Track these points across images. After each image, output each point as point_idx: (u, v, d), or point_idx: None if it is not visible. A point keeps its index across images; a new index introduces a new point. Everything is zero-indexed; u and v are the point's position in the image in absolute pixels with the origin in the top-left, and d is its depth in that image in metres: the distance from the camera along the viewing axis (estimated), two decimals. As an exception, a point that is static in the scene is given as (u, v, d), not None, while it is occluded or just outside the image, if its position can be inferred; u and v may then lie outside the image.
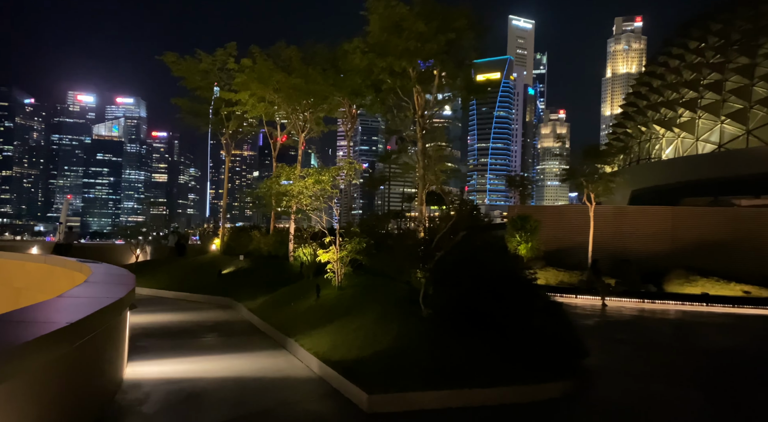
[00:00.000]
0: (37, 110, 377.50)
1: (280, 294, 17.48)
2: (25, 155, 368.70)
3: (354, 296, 14.10)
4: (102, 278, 10.58)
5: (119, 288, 8.88)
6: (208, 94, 26.35)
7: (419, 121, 14.99)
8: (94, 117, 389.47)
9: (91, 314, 6.22)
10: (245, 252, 23.96)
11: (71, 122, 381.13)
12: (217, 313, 17.27)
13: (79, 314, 6.11)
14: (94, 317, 6.35)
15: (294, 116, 22.92)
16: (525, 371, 9.57)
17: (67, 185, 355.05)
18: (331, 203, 15.00)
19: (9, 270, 19.47)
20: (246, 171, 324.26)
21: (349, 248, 14.78)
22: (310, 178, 14.17)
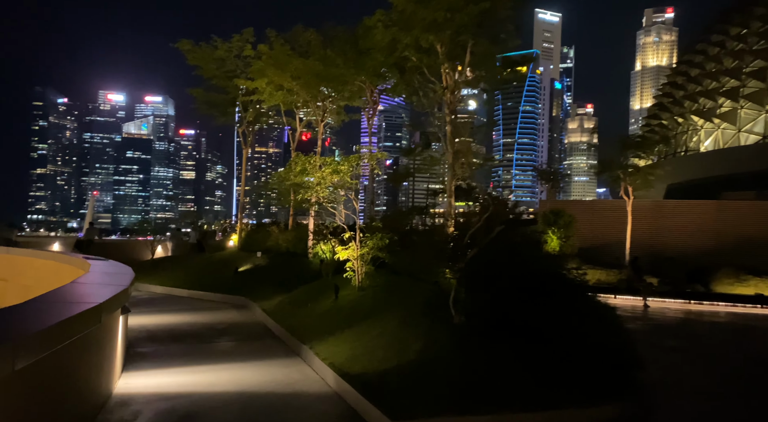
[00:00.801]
0: (70, 110, 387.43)
1: (296, 294, 16.32)
2: (59, 153, 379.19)
3: (375, 297, 12.83)
4: (93, 278, 9.53)
5: (106, 290, 7.79)
6: (225, 83, 25.37)
7: (448, 102, 13.60)
8: (124, 116, 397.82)
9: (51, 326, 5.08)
10: (263, 249, 22.93)
11: (102, 120, 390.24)
12: (231, 314, 16.21)
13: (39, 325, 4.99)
14: (57, 329, 5.21)
15: (313, 104, 21.72)
16: (575, 390, 8.15)
17: (98, 183, 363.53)
18: (351, 195, 13.74)
19: (18, 267, 18.90)
20: (271, 168, 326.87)
21: (370, 245, 13.50)
22: (328, 167, 12.93)
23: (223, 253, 26.25)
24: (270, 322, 14.09)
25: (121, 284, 8.52)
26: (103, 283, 8.73)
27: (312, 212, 20.36)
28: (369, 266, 13.61)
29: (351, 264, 13.77)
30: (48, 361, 5.32)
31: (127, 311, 8.85)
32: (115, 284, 8.49)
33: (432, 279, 12.91)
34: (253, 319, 15.34)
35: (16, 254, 20.11)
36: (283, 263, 21.17)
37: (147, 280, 22.12)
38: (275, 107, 23.98)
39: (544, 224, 29.34)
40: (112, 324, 7.98)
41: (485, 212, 10.20)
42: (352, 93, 21.24)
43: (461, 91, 14.08)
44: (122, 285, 8.44)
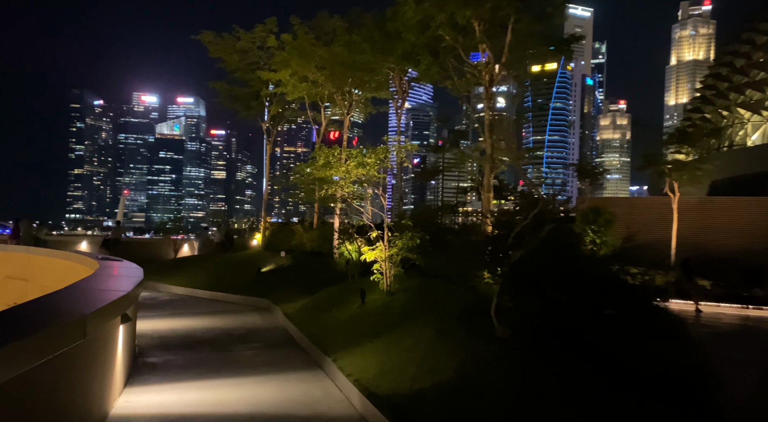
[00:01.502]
0: (106, 111, 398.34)
1: (321, 297, 15.25)
2: (95, 154, 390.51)
3: (406, 303, 11.62)
4: (93, 282, 8.60)
5: (101, 296, 6.82)
6: (248, 76, 24.52)
7: (486, 86, 12.29)
8: (157, 117, 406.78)
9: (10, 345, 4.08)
10: (287, 248, 21.98)
11: (136, 121, 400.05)
12: (252, 318, 15.25)
13: None
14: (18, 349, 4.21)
15: (339, 96, 20.64)
16: (649, 418, 6.79)
17: (132, 182, 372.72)
18: (378, 190, 12.58)
19: (38, 267, 18.45)
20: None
21: (399, 245, 12.31)
22: (353, 160, 11.80)
23: (247, 252, 25.44)
24: (292, 328, 13.04)
25: (121, 290, 7.55)
26: (100, 288, 7.79)
27: (337, 209, 19.29)
28: (398, 268, 12.42)
29: (378, 266, 12.60)
30: (16, 384, 4.31)
31: (128, 320, 7.89)
32: (114, 290, 7.53)
33: (468, 284, 11.65)
34: (274, 324, 14.34)
35: (36, 253, 19.71)
36: (308, 263, 20.17)
37: (169, 280, 21.43)
38: (299, 100, 23.02)
39: (582, 223, 27.60)
40: (105, 337, 7.01)
41: (533, 209, 8.89)
42: (380, 83, 20.07)
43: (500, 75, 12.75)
44: (121, 291, 7.46)
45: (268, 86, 22.67)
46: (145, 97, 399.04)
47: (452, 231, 15.69)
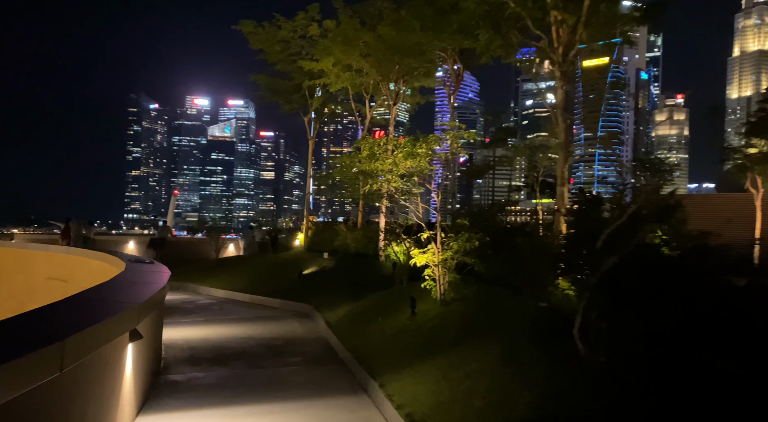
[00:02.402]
0: (161, 114, 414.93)
1: (366, 304, 13.84)
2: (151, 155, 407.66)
3: (464, 316, 10.01)
4: (102, 292, 7.46)
5: (104, 310, 5.63)
6: (289, 67, 23.44)
7: (559, 61, 10.51)
8: (209, 119, 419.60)
9: None
10: (330, 249, 20.74)
11: (189, 124, 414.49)
12: (292, 325, 14.00)
13: None
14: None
15: (385, 85, 19.20)
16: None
17: (186, 183, 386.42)
18: (429, 185, 11.03)
19: (77, 268, 17.98)
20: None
21: (455, 248, 10.70)
22: (401, 151, 10.29)
23: (289, 253, 24.41)
24: (334, 340, 11.66)
25: (128, 302, 6.34)
26: (107, 300, 6.63)
27: (382, 207, 17.84)
28: (453, 274, 10.82)
29: (430, 272, 11.03)
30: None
31: (137, 337, 6.69)
32: (120, 302, 6.33)
33: (539, 293, 9.92)
34: (315, 334, 13.01)
35: (74, 254, 19.32)
36: (352, 265, 18.83)
37: (209, 282, 20.61)
38: (343, 92, 21.72)
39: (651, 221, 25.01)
40: (104, 362, 5.77)
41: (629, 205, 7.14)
42: (429, 70, 18.45)
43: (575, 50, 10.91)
44: (128, 303, 6.25)
45: (311, 78, 21.53)
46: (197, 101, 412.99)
47: (515, 231, 13.93)
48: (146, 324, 7.87)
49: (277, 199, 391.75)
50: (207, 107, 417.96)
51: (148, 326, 8.20)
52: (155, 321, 9.28)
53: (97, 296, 6.94)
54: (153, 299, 7.47)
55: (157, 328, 9.83)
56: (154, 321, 9.16)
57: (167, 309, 15.82)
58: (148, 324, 8.07)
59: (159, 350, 10.07)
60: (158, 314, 9.79)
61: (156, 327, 9.50)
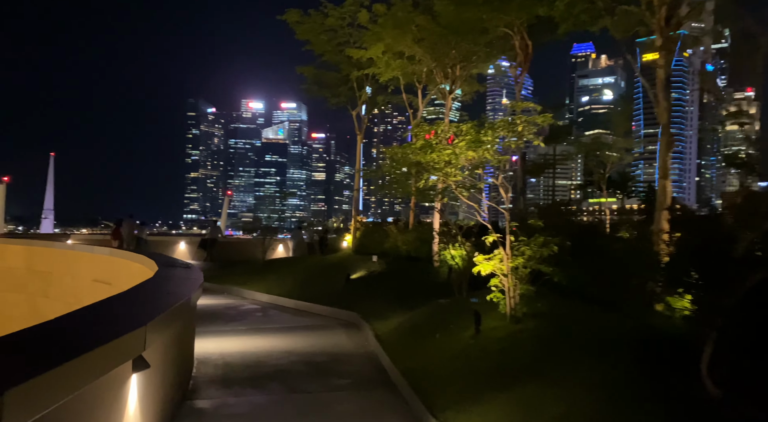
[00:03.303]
0: (218, 118, 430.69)
1: (420, 316, 12.30)
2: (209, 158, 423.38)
3: (541, 337, 8.30)
4: (109, 308, 6.29)
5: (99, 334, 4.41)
6: (337, 58, 22.18)
7: (661, 26, 8.66)
8: (263, 122, 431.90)
9: None
10: (379, 252, 19.32)
11: (244, 127, 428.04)
12: (338, 337, 12.65)
13: None
14: None
15: (439, 73, 17.57)
16: None
17: (241, 185, 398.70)
18: (497, 180, 9.36)
19: (120, 270, 17.45)
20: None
21: (528, 254, 8.99)
22: (463, 139, 8.69)
23: (336, 255, 23.18)
24: (385, 358, 10.19)
25: (131, 322, 5.11)
26: (106, 319, 5.44)
27: (437, 204, 16.25)
28: (527, 285, 9.10)
29: (498, 282, 9.36)
30: None
31: (144, 367, 5.47)
32: (119, 322, 5.12)
33: (635, 310, 8.10)
34: (363, 348, 11.59)
35: (117, 256, 18.86)
36: (403, 270, 17.34)
37: (253, 285, 19.65)
38: (393, 82, 20.25)
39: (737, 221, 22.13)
40: (92, 402, 4.52)
41: None
42: (489, 54, 16.67)
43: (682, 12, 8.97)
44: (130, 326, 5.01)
45: (359, 68, 20.21)
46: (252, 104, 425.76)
47: (594, 233, 12.00)
48: (162, 346, 6.66)
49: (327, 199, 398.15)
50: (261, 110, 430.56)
51: (167, 346, 7.02)
52: (181, 337, 8.13)
53: (99, 312, 5.77)
54: (171, 313, 6.23)
55: (184, 345, 8.69)
56: (179, 338, 8.01)
57: (208, 316, 14.87)
58: (166, 345, 6.88)
59: (187, 370, 8.94)
60: (185, 329, 8.65)
61: (182, 344, 8.35)
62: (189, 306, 7.94)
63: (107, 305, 6.34)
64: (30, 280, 21.98)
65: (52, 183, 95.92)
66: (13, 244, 23.06)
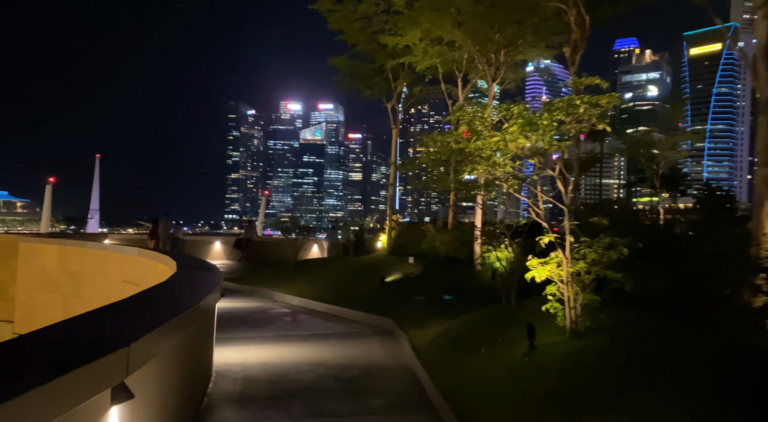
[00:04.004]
0: (257, 120, 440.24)
1: (461, 325, 11.05)
2: (248, 159, 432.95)
3: (610, 357, 6.94)
4: (92, 321, 5.35)
5: (57, 365, 3.44)
6: (371, 47, 21.04)
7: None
8: (301, 124, 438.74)
9: None
10: (416, 253, 18.10)
11: (283, 128, 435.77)
12: (371, 347, 11.53)
13: None
14: None
15: (481, 59, 16.21)
16: None
17: (280, 185, 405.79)
18: (553, 171, 8.02)
19: (149, 271, 16.92)
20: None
21: (591, 257, 7.64)
22: (514, 123, 7.39)
23: (370, 257, 22.07)
24: (423, 375, 8.99)
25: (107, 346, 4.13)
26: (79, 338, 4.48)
27: (480, 200, 14.89)
28: (590, 294, 7.74)
29: (555, 289, 8.03)
30: None
31: (125, 397, 4.50)
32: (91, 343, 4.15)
33: (732, 326, 6.66)
34: (398, 360, 10.43)
35: (145, 256, 18.37)
36: (441, 273, 16.07)
37: (285, 287, 18.77)
38: (431, 71, 18.98)
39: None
40: None
41: None
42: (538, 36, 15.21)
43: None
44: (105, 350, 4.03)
45: (394, 57, 19.05)
46: (290, 105, 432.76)
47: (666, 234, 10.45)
48: (161, 364, 5.68)
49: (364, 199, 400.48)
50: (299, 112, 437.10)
51: (168, 364, 6.03)
52: (190, 350, 7.18)
53: (79, 328, 4.82)
54: (172, 326, 5.23)
55: (197, 358, 7.73)
56: (188, 351, 7.06)
57: (234, 321, 14.02)
58: (166, 363, 5.89)
59: (201, 385, 7.99)
60: (197, 340, 7.70)
61: (193, 358, 7.40)
62: (199, 314, 6.95)
63: (95, 318, 5.40)
64: (63, 280, 21.85)
65: (97, 184, 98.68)
66: (47, 243, 23.02)
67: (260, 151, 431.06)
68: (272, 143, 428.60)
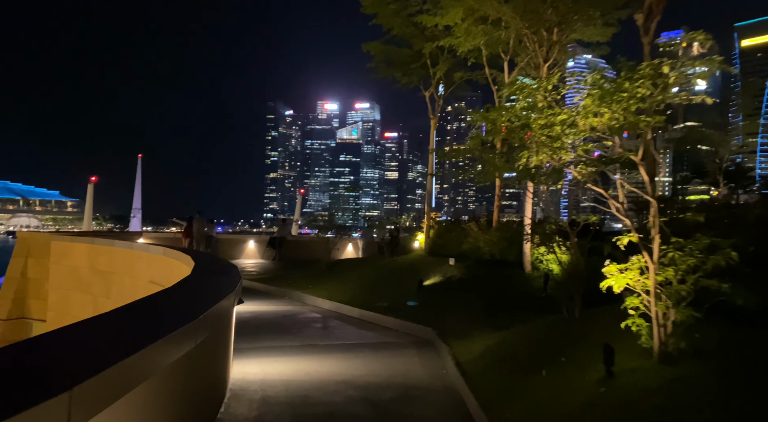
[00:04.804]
0: (295, 120, 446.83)
1: (513, 339, 9.54)
2: (286, 159, 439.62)
3: (717, 391, 5.36)
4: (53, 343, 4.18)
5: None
6: (407, 31, 19.58)
7: None
8: (337, 123, 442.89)
9: None
10: (457, 254, 16.61)
11: (320, 128, 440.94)
12: (408, 362, 10.16)
13: None
14: None
15: (531, 39, 14.54)
16: None
17: (317, 184, 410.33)
18: (635, 157, 6.42)
19: (172, 271, 16.12)
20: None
21: (687, 263, 6.06)
22: (591, 92, 5.87)
23: (407, 257, 20.65)
24: (471, 401, 7.56)
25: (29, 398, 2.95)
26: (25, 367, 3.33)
27: (528, 192, 13.26)
28: (688, 309, 6.15)
29: (639, 302, 6.48)
30: None
31: None
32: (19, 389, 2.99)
33: None
34: (441, 380, 9.02)
35: (170, 256, 17.60)
36: (486, 276, 14.53)
37: (316, 290, 17.61)
38: (473, 54, 17.41)
39: None
40: None
41: None
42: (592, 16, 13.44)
43: None
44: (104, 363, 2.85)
45: (433, 40, 17.58)
46: (327, 105, 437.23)
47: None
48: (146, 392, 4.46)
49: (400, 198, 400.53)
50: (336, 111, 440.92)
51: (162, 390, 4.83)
52: (194, 371, 6.00)
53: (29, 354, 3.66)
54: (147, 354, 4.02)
55: (203, 380, 6.54)
56: (193, 371, 5.88)
57: (259, 327, 12.91)
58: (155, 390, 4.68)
59: (212, 408, 6.81)
60: (203, 359, 6.53)
61: (198, 380, 6.21)
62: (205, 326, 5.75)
63: (60, 337, 4.24)
64: (94, 280, 21.40)
65: (140, 184, 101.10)
66: (77, 242, 22.67)
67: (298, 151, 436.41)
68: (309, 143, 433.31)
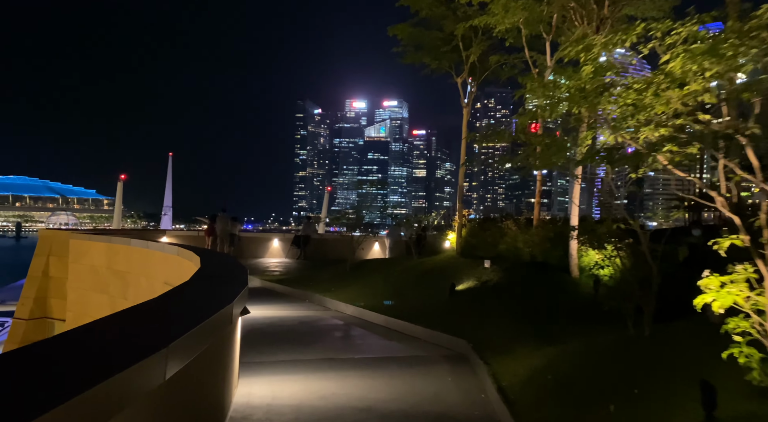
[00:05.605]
0: (323, 119, 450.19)
1: (568, 359, 8.03)
2: (315, 157, 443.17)
3: None
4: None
5: None
6: (437, 11, 18.01)
7: None
8: (365, 122, 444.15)
9: None
10: (493, 255, 15.09)
11: (348, 126, 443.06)
12: (440, 383, 8.75)
13: None
14: None
15: (579, 11, 12.92)
16: None
17: (345, 182, 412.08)
18: (737, 135, 4.95)
19: (183, 270, 15.17)
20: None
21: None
22: (684, 49, 4.38)
23: (437, 258, 19.14)
24: (518, 440, 6.11)
25: None
26: None
27: (576, 187, 11.67)
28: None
29: (748, 325, 4.93)
30: None
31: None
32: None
33: None
34: (480, 408, 7.59)
35: (184, 257, 16.66)
36: (527, 281, 12.98)
37: (339, 293, 16.35)
38: (511, 34, 15.80)
39: None
40: None
41: None
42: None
43: None
44: None
45: (466, 20, 16.03)
46: (355, 104, 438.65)
47: None
48: None
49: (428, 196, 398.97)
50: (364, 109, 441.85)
51: None
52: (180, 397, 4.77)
53: None
54: (107, 389, 2.76)
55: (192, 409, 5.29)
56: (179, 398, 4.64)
57: (273, 336, 11.69)
58: None
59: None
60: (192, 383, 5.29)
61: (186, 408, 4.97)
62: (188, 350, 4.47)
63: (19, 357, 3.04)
64: (111, 279, 20.71)
65: (170, 182, 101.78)
66: (95, 240, 22.03)
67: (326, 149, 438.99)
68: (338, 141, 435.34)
